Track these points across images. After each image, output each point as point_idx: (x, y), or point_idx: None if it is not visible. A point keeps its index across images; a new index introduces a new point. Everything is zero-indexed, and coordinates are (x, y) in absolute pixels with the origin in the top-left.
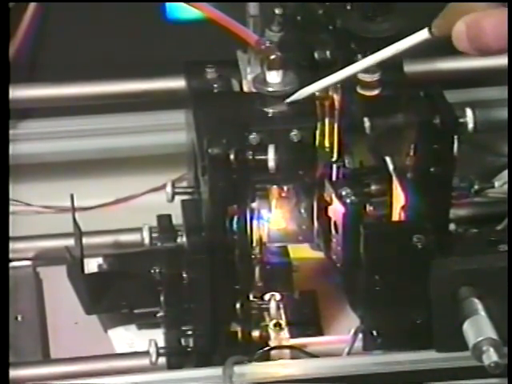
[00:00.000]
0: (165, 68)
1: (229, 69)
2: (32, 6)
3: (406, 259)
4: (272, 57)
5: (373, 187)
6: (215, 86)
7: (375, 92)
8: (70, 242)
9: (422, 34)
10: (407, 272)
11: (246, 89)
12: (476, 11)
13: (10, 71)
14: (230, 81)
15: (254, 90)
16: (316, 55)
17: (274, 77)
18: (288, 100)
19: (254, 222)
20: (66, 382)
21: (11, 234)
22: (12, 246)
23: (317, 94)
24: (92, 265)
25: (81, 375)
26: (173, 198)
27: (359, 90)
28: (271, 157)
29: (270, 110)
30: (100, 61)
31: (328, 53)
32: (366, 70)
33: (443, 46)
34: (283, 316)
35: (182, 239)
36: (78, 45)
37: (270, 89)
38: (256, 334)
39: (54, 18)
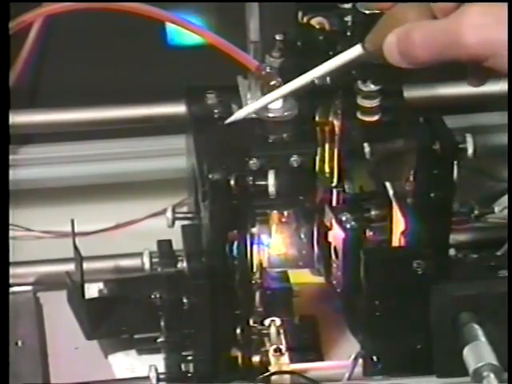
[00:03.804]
0: (165, 93)
1: (229, 94)
2: (33, 31)
3: (406, 284)
4: (272, 82)
5: (373, 212)
6: (216, 111)
7: (375, 118)
8: (71, 267)
9: (356, 50)
10: (407, 297)
11: None
12: (407, 23)
13: (10, 96)
14: (230, 106)
15: (254, 116)
16: (316, 81)
17: (274, 103)
18: (227, 121)
19: (254, 247)
20: None
21: (11, 259)
22: (12, 271)
23: (317, 119)
24: (92, 290)
25: None
26: (173, 223)
27: (359, 116)
28: (271, 182)
29: (270, 136)
30: (100, 86)
31: (328, 79)
32: (367, 96)
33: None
34: (283, 341)
35: (183, 264)
36: (78, 70)
37: (270, 114)
38: (256, 359)
39: (55, 44)
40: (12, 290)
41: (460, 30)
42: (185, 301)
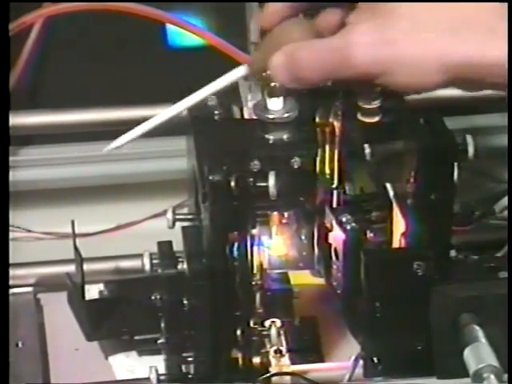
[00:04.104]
0: (165, 94)
1: (230, 96)
2: (33, 33)
3: (406, 286)
4: (273, 84)
5: (373, 214)
6: (216, 112)
7: (376, 119)
8: (71, 268)
9: (241, 70)
10: (408, 299)
11: (246, 116)
12: (293, 42)
13: (10, 97)
14: (230, 108)
15: (254, 117)
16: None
17: (274, 104)
18: (109, 147)
19: (255, 249)
20: None
21: (12, 260)
22: (12, 272)
23: (318, 120)
24: (93, 291)
25: None
26: (173, 224)
27: (360, 117)
28: (272, 183)
29: (271, 137)
30: (100, 87)
31: None
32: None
33: None
34: (284, 342)
35: (183, 266)
36: (78, 72)
37: (271, 116)
38: (257, 360)
39: (55, 45)
40: (12, 291)
41: (349, 48)
42: (185, 302)
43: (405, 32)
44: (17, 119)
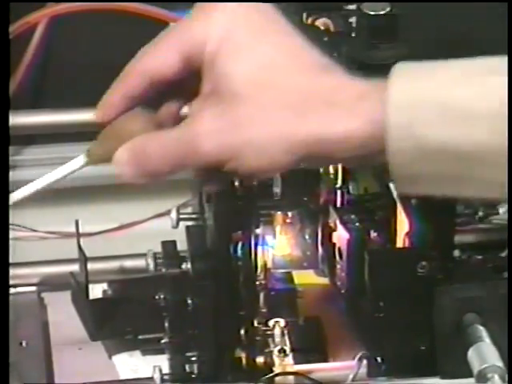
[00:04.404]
0: None
1: None
2: (38, 32)
3: (410, 286)
4: None
5: (377, 213)
6: None
7: None
8: (75, 267)
9: (79, 161)
10: (411, 298)
11: None
12: (135, 135)
13: (9, 96)
14: None
15: None
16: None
17: None
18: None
19: (259, 248)
20: None
21: (15, 259)
22: (16, 271)
23: None
24: (97, 290)
25: None
26: (177, 223)
27: None
28: (276, 183)
29: None
30: (104, 87)
31: None
32: None
33: None
34: (287, 342)
35: (187, 265)
36: (81, 71)
37: None
38: (260, 360)
39: (59, 45)
40: (16, 290)
41: (195, 138)
42: (189, 301)
43: (249, 116)
44: (20, 119)
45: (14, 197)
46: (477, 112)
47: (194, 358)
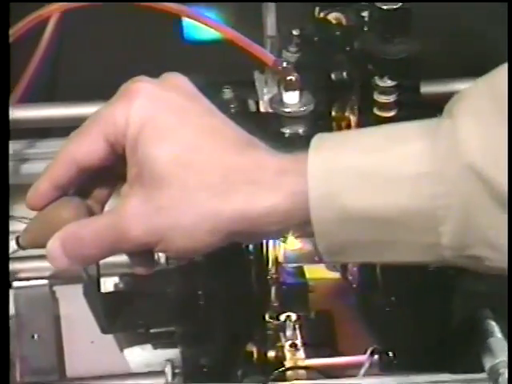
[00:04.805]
0: None
1: (246, 89)
2: (50, 26)
3: (422, 281)
4: (289, 78)
5: None
6: (232, 106)
7: (391, 113)
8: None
9: (10, 246)
10: (423, 293)
11: (262, 109)
12: (66, 221)
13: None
14: (246, 101)
15: (270, 111)
16: (333, 76)
17: (290, 97)
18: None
19: (270, 242)
20: None
21: (27, 252)
22: (28, 264)
23: (333, 114)
24: (108, 284)
25: None
26: None
27: (376, 111)
28: None
29: (287, 131)
30: (116, 81)
31: (345, 74)
32: (384, 91)
33: (459, 67)
34: (299, 336)
35: (199, 259)
36: (94, 65)
37: (287, 109)
38: (272, 354)
39: (71, 39)
40: (28, 283)
41: (124, 223)
42: (201, 295)
43: (172, 198)
44: (33, 112)
45: None
46: (394, 177)
47: (205, 352)
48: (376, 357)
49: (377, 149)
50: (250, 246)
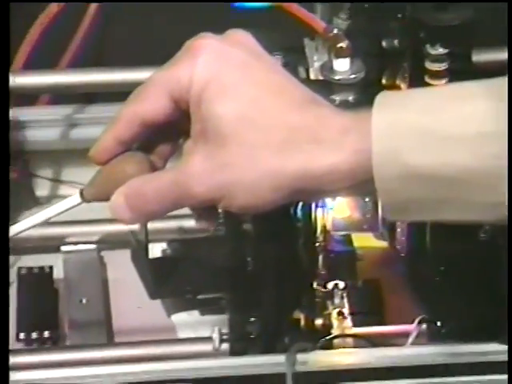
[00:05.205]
0: None
1: (296, 56)
2: None
3: (471, 250)
4: (340, 45)
5: None
6: None
7: (443, 81)
8: (135, 226)
9: (74, 199)
10: (472, 263)
11: (312, 76)
12: (129, 177)
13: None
14: (296, 68)
15: (320, 78)
16: (384, 43)
17: (341, 65)
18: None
19: (319, 210)
20: (128, 365)
21: (76, 217)
22: (76, 229)
23: (384, 82)
24: (156, 249)
25: (143, 359)
26: None
27: (427, 80)
28: None
29: (337, 98)
30: (164, 47)
31: (396, 41)
32: (435, 59)
33: None
34: (346, 304)
35: (247, 225)
36: (142, 31)
37: (337, 77)
38: (319, 322)
39: (120, 5)
40: (76, 248)
41: (188, 179)
42: (249, 262)
43: (236, 155)
44: (82, 77)
45: (15, 229)
46: (457, 136)
47: (253, 319)
48: (424, 326)
49: (440, 107)
50: (299, 213)
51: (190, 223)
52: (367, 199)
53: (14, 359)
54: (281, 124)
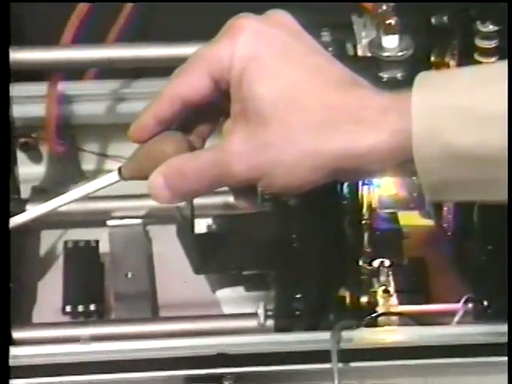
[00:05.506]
0: None
1: (344, 32)
2: None
3: None
4: (388, 21)
5: None
6: (329, 49)
7: (493, 59)
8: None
9: (112, 177)
10: None
11: (360, 53)
12: (168, 156)
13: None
14: (344, 45)
15: (368, 55)
16: (433, 20)
17: (390, 41)
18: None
19: (365, 187)
20: (172, 340)
21: (122, 192)
22: (123, 204)
23: (432, 59)
24: (202, 225)
25: (188, 334)
26: None
27: (476, 57)
28: None
29: (385, 75)
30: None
31: (445, 18)
32: (485, 37)
33: None
34: (392, 282)
35: (293, 202)
36: (186, 5)
37: (386, 53)
38: (364, 299)
39: None
40: (123, 222)
41: (227, 160)
42: (294, 238)
43: (276, 136)
44: (129, 51)
45: (53, 204)
46: (498, 115)
47: (298, 295)
48: (470, 305)
49: (481, 86)
50: (345, 191)
51: None
52: (414, 178)
53: (59, 332)
54: (320, 104)
